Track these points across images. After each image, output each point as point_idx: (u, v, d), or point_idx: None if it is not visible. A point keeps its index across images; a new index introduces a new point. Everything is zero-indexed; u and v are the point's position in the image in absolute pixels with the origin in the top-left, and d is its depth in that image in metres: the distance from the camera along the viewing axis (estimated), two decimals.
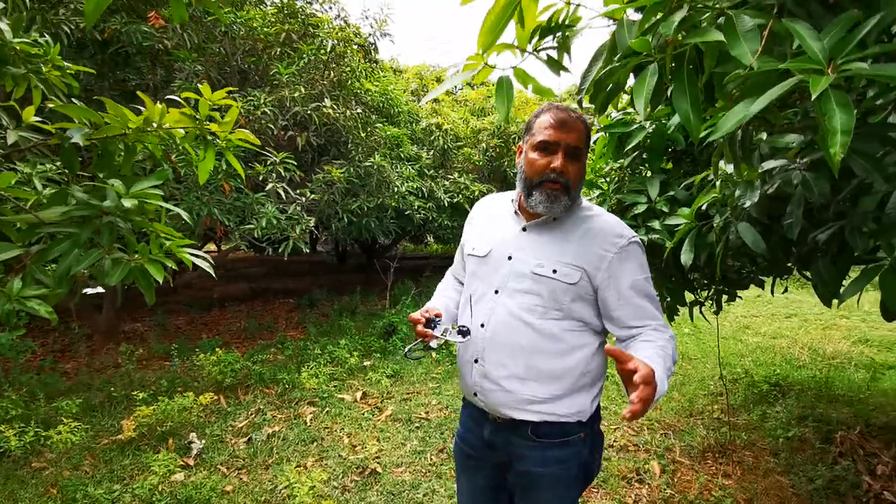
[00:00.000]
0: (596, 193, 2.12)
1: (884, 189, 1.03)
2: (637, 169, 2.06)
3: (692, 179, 1.85)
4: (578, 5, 0.98)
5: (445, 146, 6.94)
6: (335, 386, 4.21)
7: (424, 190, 6.21)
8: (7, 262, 1.16)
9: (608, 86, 0.94)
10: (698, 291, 2.43)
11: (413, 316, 1.35)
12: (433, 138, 6.93)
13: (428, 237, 12.64)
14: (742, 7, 0.81)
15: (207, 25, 4.43)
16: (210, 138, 1.37)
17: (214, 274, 1.42)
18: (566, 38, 1.00)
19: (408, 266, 10.25)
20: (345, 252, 12.72)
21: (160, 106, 1.26)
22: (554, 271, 1.29)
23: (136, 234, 1.29)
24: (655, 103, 0.86)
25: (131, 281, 1.26)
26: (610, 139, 1.93)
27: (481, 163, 7.23)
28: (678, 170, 2.01)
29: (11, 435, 2.93)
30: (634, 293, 1.26)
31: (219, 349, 4.38)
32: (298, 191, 4.57)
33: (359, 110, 5.14)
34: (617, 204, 1.98)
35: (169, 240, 1.32)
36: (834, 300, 1.35)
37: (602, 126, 1.96)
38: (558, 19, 0.99)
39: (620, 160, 2.00)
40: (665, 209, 1.79)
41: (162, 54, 4.47)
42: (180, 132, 1.31)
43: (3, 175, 1.16)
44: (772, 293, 2.21)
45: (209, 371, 4.08)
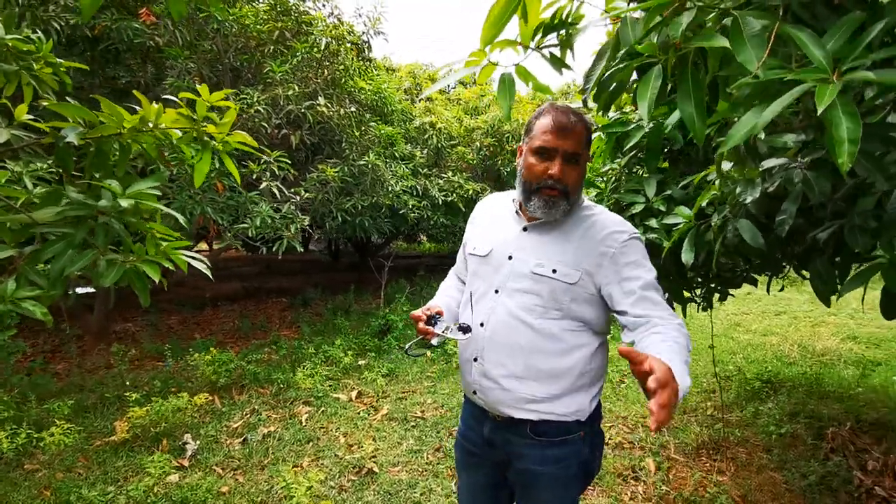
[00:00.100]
0: (593, 193, 2.12)
1: (885, 188, 1.04)
2: (634, 169, 2.06)
3: (689, 179, 1.86)
4: (582, 2, 0.97)
5: (439, 145, 6.94)
6: (330, 385, 4.19)
7: (419, 188, 6.20)
8: (0, 263, 1.14)
9: (611, 85, 0.94)
10: (693, 290, 2.44)
11: (414, 313, 1.35)
12: (427, 137, 6.92)
13: (421, 236, 12.63)
14: (746, 7, 0.81)
15: (199, 22, 4.39)
16: (207, 140, 1.35)
17: (212, 276, 1.40)
18: (569, 36, 0.99)
19: (401, 265, 10.23)
20: (338, 251, 12.68)
21: (157, 106, 1.24)
22: (554, 271, 1.29)
23: (131, 235, 1.27)
24: (658, 105, 0.86)
25: (126, 282, 1.24)
26: (608, 139, 1.93)
27: (475, 161, 7.23)
28: (675, 169, 2.02)
29: (3, 437, 2.89)
30: (638, 286, 1.24)
31: (213, 349, 4.34)
32: (293, 190, 4.54)
33: (353, 109, 5.11)
34: (614, 204, 1.98)
35: (166, 240, 1.31)
36: (832, 298, 1.36)
37: (600, 126, 1.96)
38: (562, 16, 0.99)
39: (618, 160, 2.00)
40: (662, 208, 1.80)
41: (153, 51, 4.42)
42: (177, 133, 1.30)
43: None
44: (767, 291, 2.23)
45: (203, 371, 4.04)
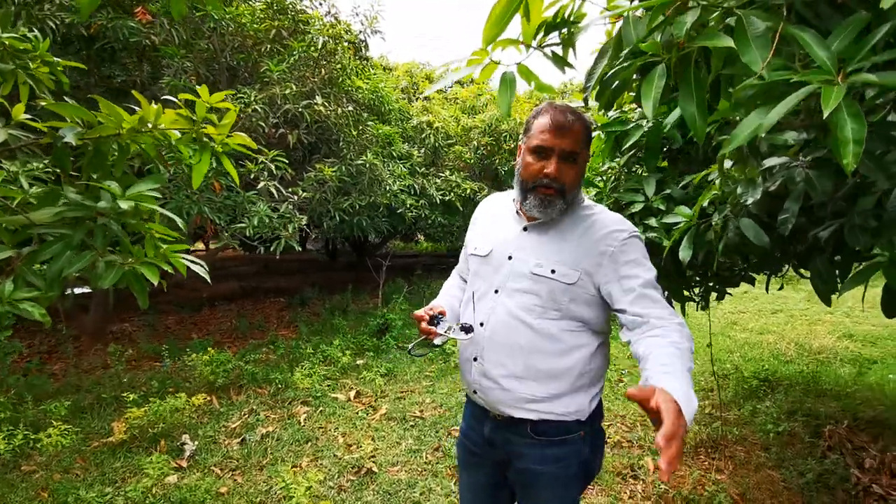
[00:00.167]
0: (593, 192, 2.12)
1: (886, 187, 1.04)
2: (633, 168, 2.07)
3: (689, 179, 1.86)
4: (584, 1, 0.97)
5: (437, 144, 6.93)
6: (328, 385, 4.18)
7: (416, 188, 6.20)
8: None
9: (614, 83, 0.93)
10: (692, 289, 2.45)
11: (417, 313, 1.35)
12: (424, 136, 6.92)
13: (418, 235, 12.61)
14: (750, 7, 0.81)
15: (196, 21, 4.37)
16: (206, 141, 1.34)
17: (209, 280, 1.39)
18: (572, 34, 0.99)
19: (398, 264, 10.22)
20: (335, 250, 12.66)
21: (156, 106, 1.23)
22: (552, 271, 1.28)
23: (130, 236, 1.26)
24: (661, 103, 0.86)
25: (124, 285, 1.23)
26: (607, 138, 1.93)
27: (473, 161, 7.23)
28: (674, 169, 2.02)
29: (0, 438, 2.87)
30: (638, 284, 1.24)
31: (210, 349, 4.33)
32: (290, 189, 4.53)
33: (350, 108, 5.10)
34: (614, 203, 1.98)
35: (165, 241, 1.30)
36: (832, 296, 1.37)
37: (599, 125, 1.96)
38: (564, 14, 0.98)
39: (617, 159, 2.00)
40: (662, 208, 1.80)
41: (149, 50, 4.40)
42: (175, 134, 1.29)
43: None
44: (766, 290, 2.23)
45: (201, 371, 4.03)
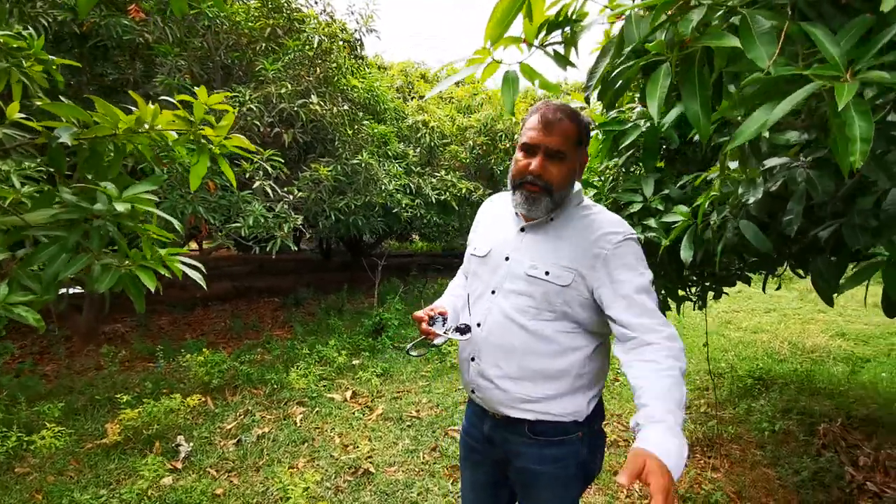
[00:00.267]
0: (591, 193, 2.12)
1: (887, 186, 1.05)
2: (631, 168, 2.07)
3: (687, 179, 1.86)
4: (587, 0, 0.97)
5: (432, 144, 6.92)
6: (324, 385, 4.17)
7: (412, 187, 6.19)
8: None
9: (617, 83, 0.93)
10: (689, 288, 2.46)
11: (417, 314, 1.35)
12: (420, 136, 6.91)
13: (413, 235, 12.61)
14: (753, 6, 0.81)
15: (190, 19, 4.33)
16: (204, 143, 1.33)
17: (205, 285, 1.37)
18: (574, 33, 0.99)
19: (393, 264, 10.20)
20: (329, 250, 12.62)
21: (153, 107, 1.22)
22: (547, 273, 1.27)
23: (125, 237, 1.24)
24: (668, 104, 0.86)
25: (120, 288, 1.21)
26: (605, 138, 1.93)
27: (468, 160, 7.23)
28: (671, 169, 2.03)
29: None
30: (631, 289, 1.22)
31: (205, 349, 4.30)
32: (285, 189, 4.51)
33: (345, 107, 5.08)
34: (612, 203, 1.98)
35: (162, 242, 1.28)
36: (834, 295, 1.37)
37: (597, 124, 1.96)
38: (567, 13, 0.98)
39: (615, 159, 2.00)
40: (660, 208, 1.80)
41: (142, 48, 4.36)
42: (172, 135, 1.27)
43: None
44: (763, 290, 2.24)
45: (196, 372, 4.00)
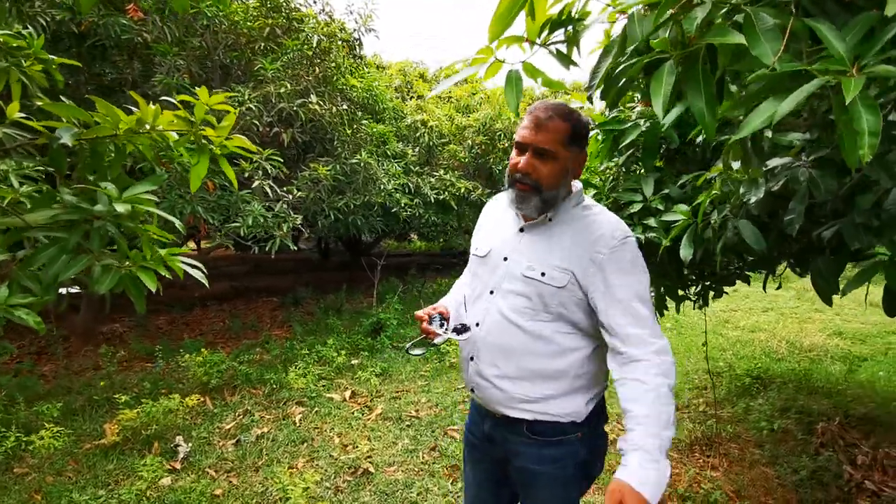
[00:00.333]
0: (591, 193, 2.12)
1: (889, 186, 1.05)
2: (631, 167, 2.07)
3: (686, 178, 1.87)
4: None
5: (431, 143, 6.92)
6: (323, 385, 4.16)
7: (411, 187, 6.19)
8: None
9: (621, 81, 0.93)
10: (688, 288, 2.46)
11: (418, 313, 1.37)
12: (418, 135, 6.90)
13: (412, 235, 12.60)
14: (757, 4, 0.81)
15: (188, 19, 4.32)
16: (205, 143, 1.32)
17: (208, 284, 1.37)
18: (577, 32, 0.99)
19: (392, 263, 10.19)
20: (327, 249, 12.61)
21: (154, 107, 1.22)
22: (542, 274, 1.27)
23: (126, 238, 1.24)
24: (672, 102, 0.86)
25: (121, 289, 1.21)
26: (605, 138, 1.93)
27: (467, 160, 7.23)
28: (671, 169, 2.03)
29: None
30: (625, 296, 1.21)
31: (203, 349, 4.29)
32: (285, 188, 4.50)
33: (344, 107, 5.08)
34: (612, 202, 1.98)
35: (162, 243, 1.28)
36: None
37: (597, 124, 1.97)
38: (569, 12, 0.98)
39: (615, 158, 2.00)
40: (661, 207, 1.80)
41: (141, 48, 4.35)
42: (173, 136, 1.27)
43: None
44: (763, 289, 2.25)
45: (194, 372, 3.99)
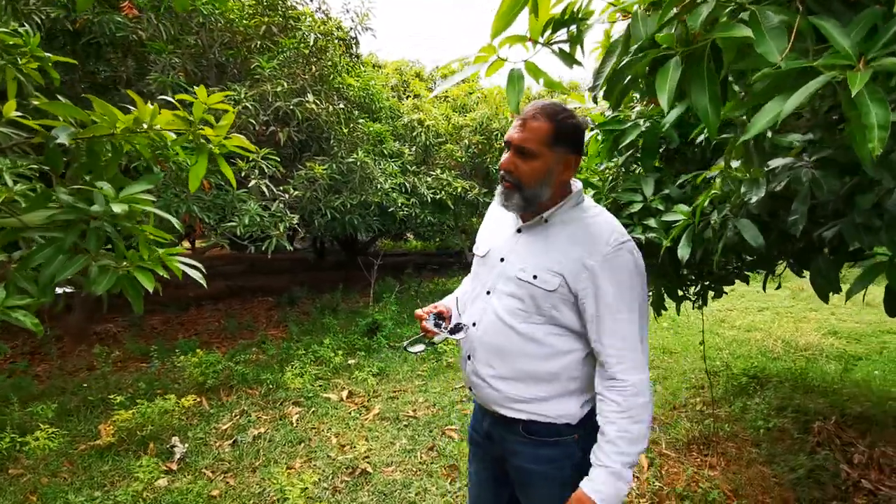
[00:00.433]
0: (591, 193, 2.12)
1: (892, 185, 1.05)
2: (631, 167, 2.07)
3: (685, 178, 1.87)
4: None
5: (427, 142, 6.92)
6: (320, 385, 4.15)
7: (407, 186, 6.18)
8: None
9: (626, 78, 0.93)
10: (687, 287, 2.46)
11: (418, 312, 1.37)
12: (415, 134, 6.90)
13: (408, 234, 12.59)
14: (762, 2, 0.81)
15: (183, 16, 4.30)
16: (203, 143, 1.31)
17: (206, 284, 1.35)
18: (580, 32, 0.98)
19: (388, 263, 10.17)
20: (323, 249, 12.58)
21: (152, 106, 1.20)
22: (534, 277, 1.26)
23: (123, 238, 1.23)
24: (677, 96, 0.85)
25: (118, 290, 1.20)
26: (605, 138, 1.93)
27: (464, 159, 7.23)
28: (670, 169, 2.03)
29: None
30: (614, 308, 1.20)
31: (199, 350, 4.27)
32: (281, 187, 4.48)
33: (341, 105, 5.06)
34: (612, 203, 1.98)
35: (160, 243, 1.27)
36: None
37: (596, 124, 1.96)
38: (573, 11, 0.98)
39: (615, 158, 2.00)
40: (661, 207, 1.80)
41: (135, 46, 4.32)
42: (171, 135, 1.26)
43: None
44: (763, 289, 2.25)
45: (190, 372, 3.97)
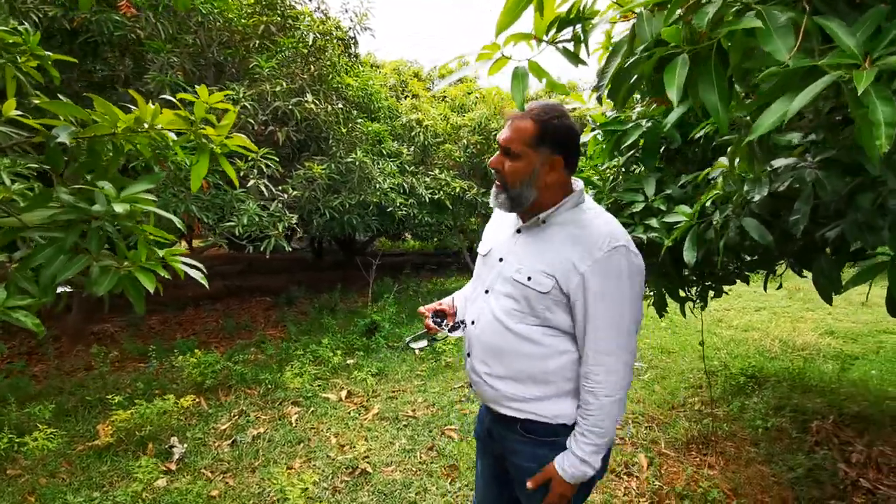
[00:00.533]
0: (591, 193, 2.12)
1: (894, 186, 1.05)
2: (632, 168, 2.07)
3: (686, 178, 1.87)
4: None
5: (426, 142, 6.91)
6: (319, 385, 4.14)
7: (406, 186, 6.17)
8: None
9: (632, 77, 0.93)
10: (688, 288, 2.47)
11: (421, 309, 1.37)
12: (414, 134, 6.89)
13: (406, 234, 12.58)
14: (768, 2, 0.81)
15: (181, 15, 4.28)
16: (205, 142, 1.31)
17: (207, 284, 1.34)
18: (585, 31, 0.98)
19: (386, 263, 10.16)
20: (321, 249, 12.57)
21: (153, 106, 1.20)
22: (529, 278, 1.26)
23: (124, 238, 1.22)
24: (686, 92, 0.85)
25: (120, 290, 1.19)
26: (605, 138, 1.93)
27: (462, 159, 7.23)
28: (671, 168, 2.03)
29: None
30: (599, 314, 1.20)
31: (197, 349, 4.25)
32: (280, 187, 4.47)
33: (340, 105, 5.05)
34: (613, 203, 1.98)
35: (161, 243, 1.26)
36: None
37: (598, 124, 1.97)
38: (578, 10, 0.98)
39: (616, 158, 2.00)
40: (662, 207, 1.80)
41: (133, 45, 4.30)
42: (171, 135, 1.25)
43: None
44: (764, 288, 2.26)
45: (189, 372, 3.96)
